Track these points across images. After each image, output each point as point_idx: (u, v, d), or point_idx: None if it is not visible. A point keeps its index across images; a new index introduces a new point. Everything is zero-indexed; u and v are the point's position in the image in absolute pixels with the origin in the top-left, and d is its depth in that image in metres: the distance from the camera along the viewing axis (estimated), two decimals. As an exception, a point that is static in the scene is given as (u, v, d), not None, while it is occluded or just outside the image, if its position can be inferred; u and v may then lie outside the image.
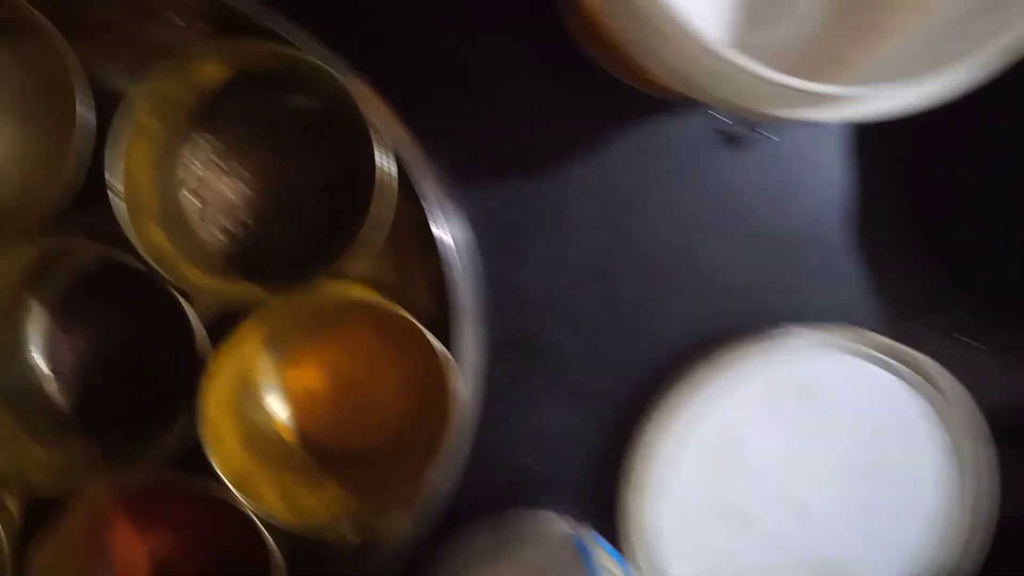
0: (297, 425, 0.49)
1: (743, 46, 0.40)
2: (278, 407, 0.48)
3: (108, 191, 0.38)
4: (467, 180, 0.48)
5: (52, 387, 0.46)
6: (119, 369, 0.46)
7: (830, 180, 0.50)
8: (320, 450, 0.48)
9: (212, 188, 0.45)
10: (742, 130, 0.49)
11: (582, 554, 0.44)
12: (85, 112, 0.38)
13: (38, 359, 0.46)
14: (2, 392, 0.43)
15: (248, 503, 0.41)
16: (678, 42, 0.33)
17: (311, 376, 0.48)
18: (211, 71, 0.40)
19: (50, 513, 0.40)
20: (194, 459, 0.41)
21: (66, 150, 0.42)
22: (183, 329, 0.45)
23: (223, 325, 0.41)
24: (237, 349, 0.41)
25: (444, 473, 0.43)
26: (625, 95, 0.48)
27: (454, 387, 0.41)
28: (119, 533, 0.45)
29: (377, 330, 0.48)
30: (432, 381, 0.45)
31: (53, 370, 0.46)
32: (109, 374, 0.46)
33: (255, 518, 0.41)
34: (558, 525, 0.48)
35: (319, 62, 0.39)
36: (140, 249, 0.39)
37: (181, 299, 0.39)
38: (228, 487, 0.40)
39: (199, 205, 0.45)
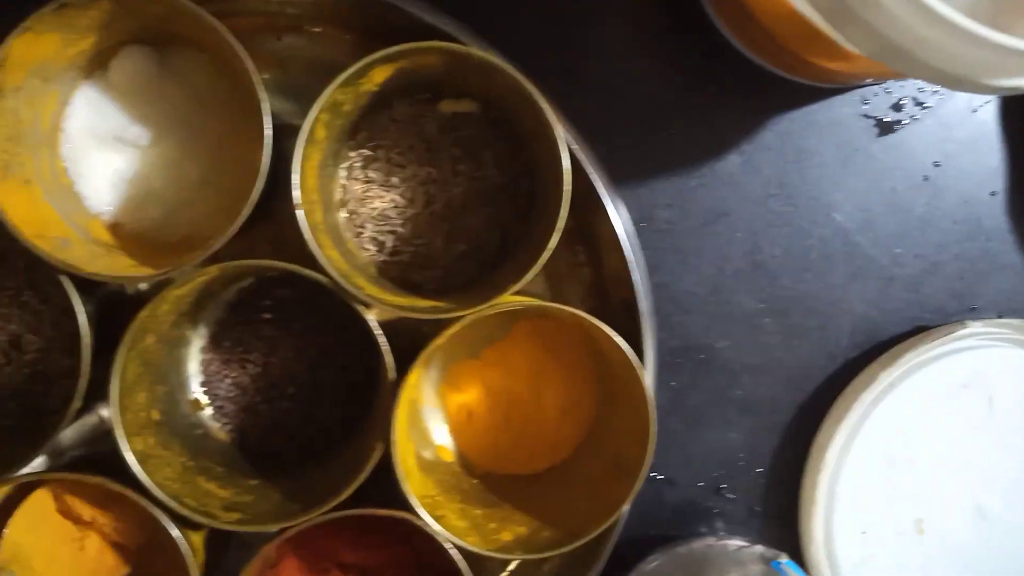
0: (459, 449, 0.46)
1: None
2: (440, 431, 0.46)
3: (297, 202, 0.36)
4: (620, 182, 0.46)
5: (214, 423, 0.44)
6: (283, 399, 0.44)
7: (985, 162, 0.48)
8: (485, 476, 0.46)
9: (366, 202, 0.43)
10: (892, 114, 0.47)
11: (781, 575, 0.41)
12: (269, 128, 0.36)
13: (199, 394, 0.44)
14: (173, 432, 0.40)
15: (441, 530, 0.38)
16: (895, 10, 0.31)
17: (471, 398, 0.46)
18: (379, 77, 0.39)
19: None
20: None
21: (250, 167, 0.41)
22: (347, 354, 0.43)
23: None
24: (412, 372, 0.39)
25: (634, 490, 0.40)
26: (774, 86, 0.46)
27: (648, 392, 0.39)
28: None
29: (538, 346, 0.46)
30: (610, 390, 0.43)
31: (213, 404, 0.44)
32: (272, 405, 0.44)
33: (452, 547, 0.38)
34: (741, 548, 0.45)
35: (491, 57, 0.37)
36: (324, 263, 0.37)
37: (367, 315, 0.37)
38: (422, 516, 0.38)
39: (353, 219, 0.43)
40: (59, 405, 0.43)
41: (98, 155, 0.41)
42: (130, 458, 0.36)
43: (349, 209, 0.43)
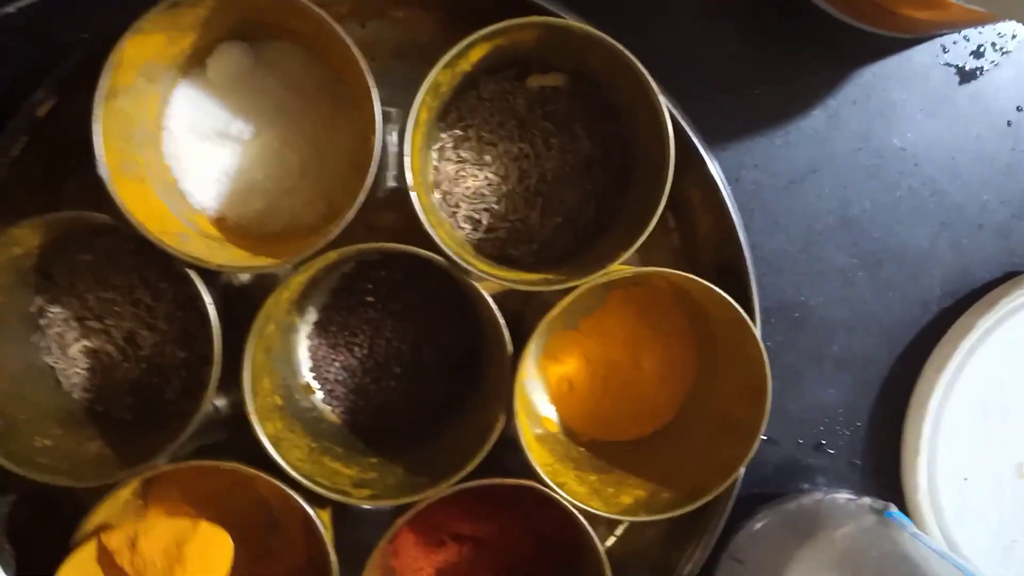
0: (562, 420, 0.47)
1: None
2: (542, 403, 0.47)
3: (409, 186, 0.36)
4: (707, 144, 0.46)
5: (325, 406, 0.45)
6: (390, 378, 0.45)
7: (1069, 106, 0.48)
8: (591, 443, 0.47)
9: (459, 182, 0.44)
10: (973, 61, 0.47)
11: (899, 524, 0.42)
12: (379, 114, 0.37)
13: (309, 379, 0.45)
14: (294, 416, 0.41)
15: (564, 496, 0.39)
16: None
17: (570, 368, 0.47)
18: (475, 56, 0.39)
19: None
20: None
21: (347, 153, 0.41)
22: (448, 331, 0.44)
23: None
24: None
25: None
26: (854, 40, 0.47)
27: (762, 351, 0.39)
28: (404, 555, 0.44)
29: (633, 313, 0.46)
30: (711, 352, 0.44)
31: (324, 388, 0.45)
32: (380, 385, 0.45)
33: (574, 511, 0.39)
34: (849, 501, 0.46)
35: (592, 29, 0.38)
36: (439, 243, 0.37)
37: (483, 292, 0.38)
38: (548, 483, 0.38)
39: (447, 199, 0.44)
40: (177, 396, 0.44)
41: (200, 152, 0.42)
42: (265, 441, 0.37)
43: (443, 190, 0.44)
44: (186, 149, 0.42)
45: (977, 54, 0.47)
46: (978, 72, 0.47)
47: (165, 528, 0.40)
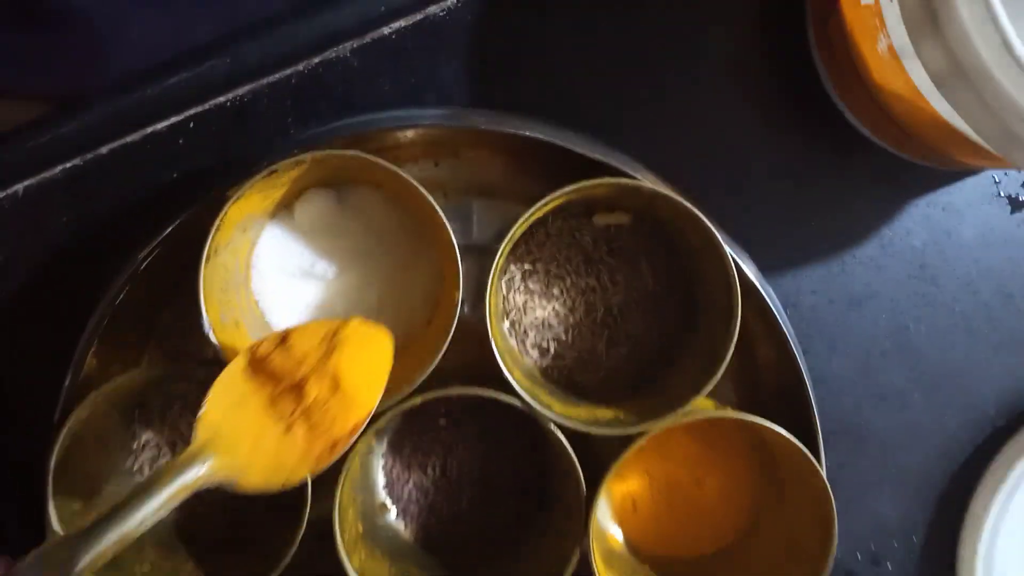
0: (626, 538, 0.49)
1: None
2: (607, 521, 0.48)
3: (490, 332, 0.39)
4: (765, 272, 0.48)
5: (399, 524, 0.47)
6: (462, 499, 0.47)
7: (1119, 230, 0.49)
8: (654, 560, 0.48)
9: (527, 312, 0.46)
10: (1023, 191, 0.49)
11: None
12: (458, 262, 0.39)
13: (383, 497, 0.47)
14: (374, 541, 0.44)
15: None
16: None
17: (635, 487, 0.49)
18: (549, 207, 0.42)
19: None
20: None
21: (422, 290, 0.44)
22: (518, 454, 0.46)
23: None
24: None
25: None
26: (906, 172, 0.48)
27: (827, 489, 0.41)
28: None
29: (695, 434, 0.48)
30: (775, 476, 0.45)
31: (398, 507, 0.47)
32: (451, 505, 0.47)
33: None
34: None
35: (661, 188, 0.40)
36: (516, 387, 0.40)
37: (560, 435, 0.40)
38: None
39: (516, 328, 0.46)
40: (260, 517, 0.47)
41: (287, 287, 0.45)
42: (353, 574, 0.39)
43: (511, 319, 0.46)
44: (273, 286, 0.45)
45: (1030, 182, 0.49)
46: (1031, 200, 0.49)
47: (316, 325, 0.40)
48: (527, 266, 0.46)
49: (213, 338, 0.38)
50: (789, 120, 0.48)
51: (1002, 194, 0.48)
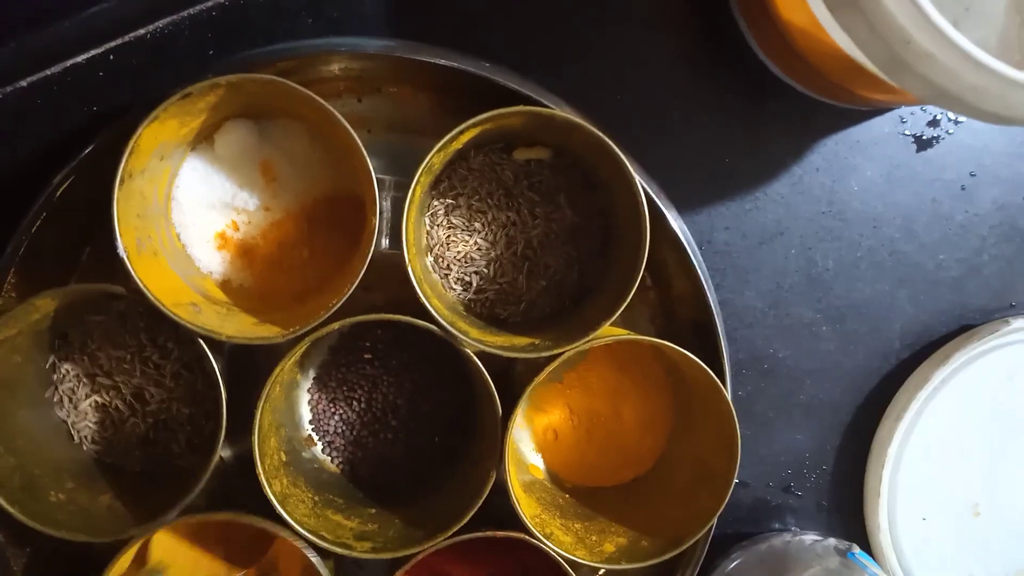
0: (548, 467, 0.50)
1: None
2: (528, 451, 0.50)
3: (406, 260, 0.39)
4: (681, 208, 0.50)
5: (325, 457, 0.48)
6: (387, 431, 0.48)
7: (1017, 169, 0.52)
8: (575, 489, 0.50)
9: (450, 246, 0.47)
10: (929, 131, 0.51)
11: (859, 566, 0.45)
12: (376, 191, 0.40)
13: (309, 431, 0.48)
14: (297, 470, 0.44)
15: (552, 546, 0.42)
16: (948, 64, 0.35)
17: (555, 418, 0.50)
18: (465, 137, 0.42)
19: None
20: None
21: (344, 223, 0.44)
22: (442, 386, 0.47)
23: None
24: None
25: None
26: (819, 112, 0.50)
27: (732, 411, 0.42)
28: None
29: (613, 366, 0.50)
30: (687, 403, 0.47)
31: (323, 440, 0.48)
32: (377, 437, 0.48)
33: (561, 560, 0.42)
34: (816, 542, 0.49)
35: (574, 117, 0.41)
36: (433, 313, 0.40)
37: (475, 357, 0.41)
38: (534, 534, 0.41)
39: (439, 262, 0.47)
40: (183, 450, 0.47)
41: (207, 220, 0.45)
42: (273, 500, 0.40)
43: (435, 253, 0.47)
44: (193, 218, 0.45)
45: (933, 123, 0.51)
46: (934, 140, 0.51)
47: None
48: (449, 201, 0.47)
49: (127, 262, 0.38)
50: (705, 61, 0.50)
51: (908, 133, 0.50)
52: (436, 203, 0.47)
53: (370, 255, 0.40)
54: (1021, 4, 0.43)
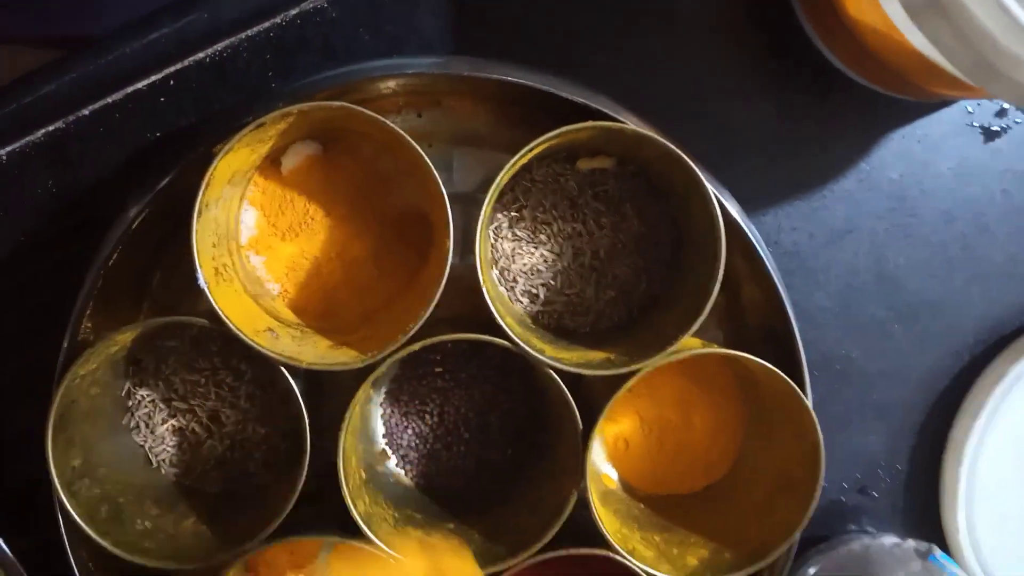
0: (620, 477, 0.50)
1: None
2: (602, 462, 0.50)
3: (481, 281, 0.39)
4: (748, 210, 0.49)
5: (399, 471, 0.48)
6: (459, 443, 0.48)
7: (1090, 158, 0.51)
8: (647, 498, 0.50)
9: (516, 259, 0.47)
10: (997, 121, 0.50)
11: (940, 568, 0.45)
12: (449, 216, 0.39)
13: (383, 445, 0.48)
14: (377, 487, 0.45)
15: (636, 563, 0.42)
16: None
17: (626, 428, 0.50)
18: (531, 155, 0.42)
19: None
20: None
21: (409, 240, 0.44)
22: (511, 399, 0.47)
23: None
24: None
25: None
26: (881, 106, 0.49)
27: (814, 421, 0.42)
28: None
29: (683, 374, 0.49)
30: (761, 410, 0.47)
31: (397, 454, 0.48)
32: (450, 450, 0.48)
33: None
34: (896, 545, 0.49)
35: (645, 131, 0.40)
36: (508, 331, 0.40)
37: (555, 375, 0.41)
38: (618, 549, 0.41)
39: (505, 275, 0.47)
40: (259, 469, 0.47)
41: (277, 242, 0.45)
42: (360, 521, 0.40)
43: (500, 266, 0.47)
44: (263, 240, 0.45)
45: (1000, 114, 0.50)
46: (1002, 131, 0.50)
47: None
48: (513, 213, 0.46)
49: (208, 292, 0.38)
50: (767, 58, 0.49)
51: (975, 124, 0.49)
52: (500, 216, 0.47)
53: (445, 277, 0.40)
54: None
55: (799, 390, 0.41)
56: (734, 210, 0.44)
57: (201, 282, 0.38)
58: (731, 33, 0.48)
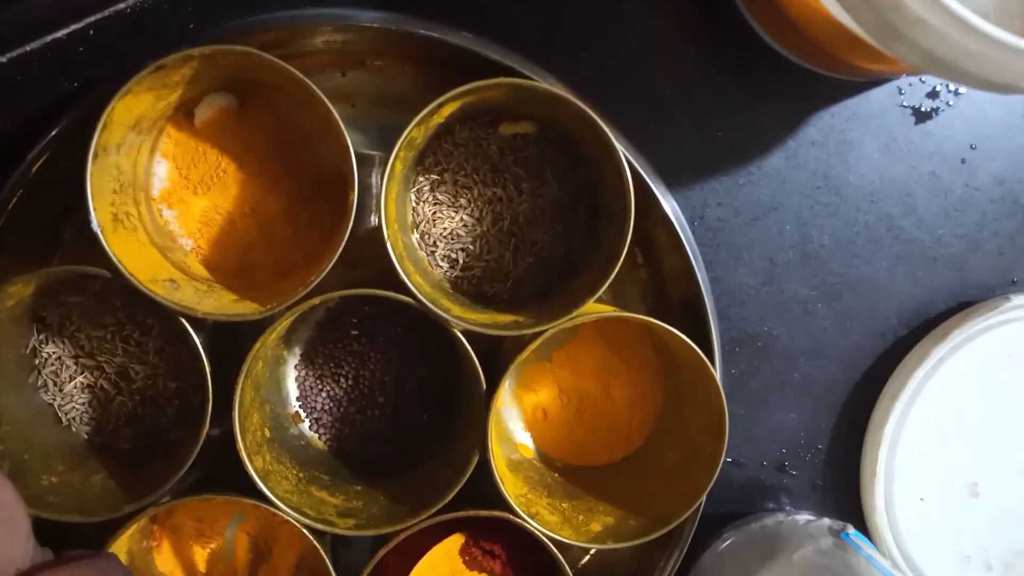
0: (537, 446, 0.50)
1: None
2: (518, 429, 0.49)
3: (385, 237, 0.39)
4: (672, 184, 0.49)
5: (312, 434, 0.48)
6: (374, 408, 0.47)
7: (1018, 142, 0.50)
8: (564, 468, 0.49)
9: (436, 223, 0.46)
10: (928, 102, 0.50)
11: (852, 546, 0.44)
12: (354, 168, 0.39)
13: (297, 408, 0.47)
14: (282, 446, 0.44)
15: (536, 526, 0.41)
16: (940, 28, 0.33)
17: (544, 397, 0.49)
18: (447, 110, 0.41)
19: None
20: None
21: (326, 198, 0.44)
22: (428, 363, 0.47)
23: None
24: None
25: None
26: (814, 84, 0.49)
27: (720, 390, 0.42)
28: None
29: (603, 345, 0.49)
30: (677, 382, 0.46)
31: (311, 416, 0.48)
32: (364, 414, 0.47)
33: (545, 540, 0.41)
34: (809, 522, 0.48)
35: (557, 89, 0.40)
36: (413, 290, 0.40)
37: (459, 334, 0.40)
38: (519, 513, 0.41)
39: (425, 239, 0.46)
40: (171, 424, 0.47)
41: (187, 195, 0.45)
42: (255, 476, 0.40)
43: (421, 230, 0.46)
44: (174, 192, 0.45)
45: (932, 95, 0.49)
46: (933, 112, 0.50)
47: None
48: (435, 176, 0.46)
49: (101, 236, 0.38)
50: (698, 33, 0.48)
51: (906, 104, 0.49)
52: (421, 179, 0.46)
53: (348, 232, 0.39)
54: (1022, -31, 0.41)
55: (706, 358, 0.40)
56: (650, 178, 0.43)
57: (94, 226, 0.37)
58: (664, 9, 0.48)
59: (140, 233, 0.42)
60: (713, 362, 0.43)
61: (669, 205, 0.44)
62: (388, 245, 0.40)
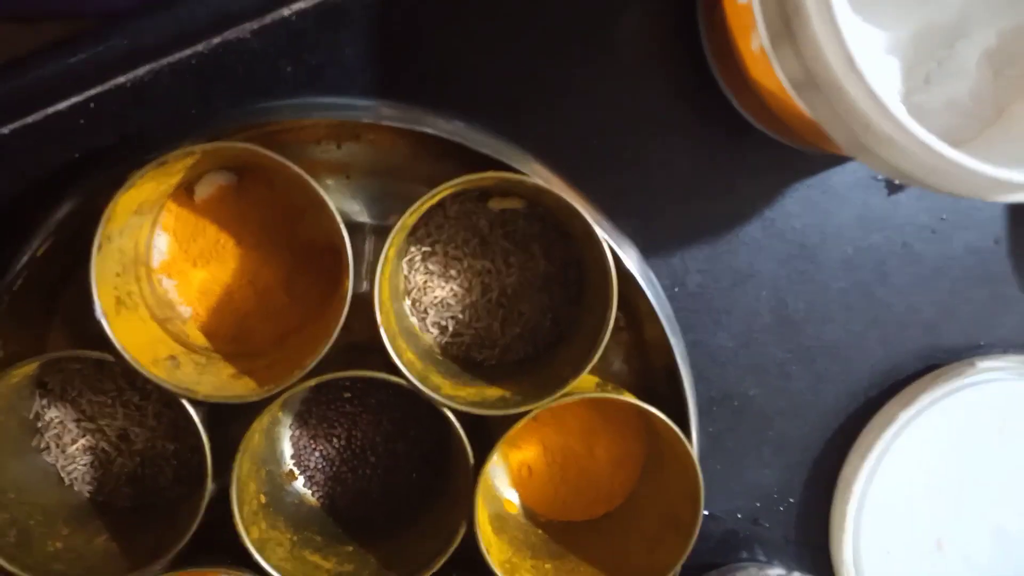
0: (521, 502, 0.52)
1: (912, 106, 0.43)
2: (503, 485, 0.51)
3: (377, 320, 0.41)
4: (655, 252, 0.51)
5: (306, 491, 0.50)
6: (366, 467, 0.49)
7: (989, 212, 0.53)
8: (547, 524, 0.51)
9: (427, 291, 0.48)
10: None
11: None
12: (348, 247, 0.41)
13: (291, 466, 0.49)
14: (277, 510, 0.46)
15: (521, 592, 0.44)
16: (907, 148, 0.35)
17: (529, 455, 0.51)
18: (440, 195, 0.43)
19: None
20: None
21: (323, 272, 0.46)
22: (419, 426, 0.49)
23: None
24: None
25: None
26: (791, 157, 0.51)
27: (696, 465, 0.44)
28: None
29: (587, 405, 0.51)
30: (658, 447, 0.48)
31: (304, 474, 0.50)
32: (356, 473, 0.49)
33: (531, 605, 0.43)
34: (780, 575, 0.51)
35: (541, 183, 0.42)
36: (404, 371, 0.42)
37: (450, 414, 0.42)
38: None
39: (416, 306, 0.48)
40: (170, 484, 0.48)
41: (187, 266, 0.46)
42: (251, 548, 0.42)
43: (412, 297, 0.48)
44: (174, 266, 0.46)
45: (906, 166, 0.51)
46: (904, 185, 0.52)
47: None
48: (426, 248, 0.48)
49: (106, 325, 0.39)
50: (680, 106, 0.50)
51: (879, 177, 0.51)
52: (413, 249, 0.48)
53: (344, 315, 0.41)
54: (993, 58, 0.43)
55: (683, 436, 0.43)
56: (630, 260, 0.45)
57: (99, 314, 0.39)
58: (646, 78, 0.49)
59: (141, 310, 0.43)
60: (689, 435, 0.45)
61: (645, 280, 0.46)
62: (381, 330, 0.41)
